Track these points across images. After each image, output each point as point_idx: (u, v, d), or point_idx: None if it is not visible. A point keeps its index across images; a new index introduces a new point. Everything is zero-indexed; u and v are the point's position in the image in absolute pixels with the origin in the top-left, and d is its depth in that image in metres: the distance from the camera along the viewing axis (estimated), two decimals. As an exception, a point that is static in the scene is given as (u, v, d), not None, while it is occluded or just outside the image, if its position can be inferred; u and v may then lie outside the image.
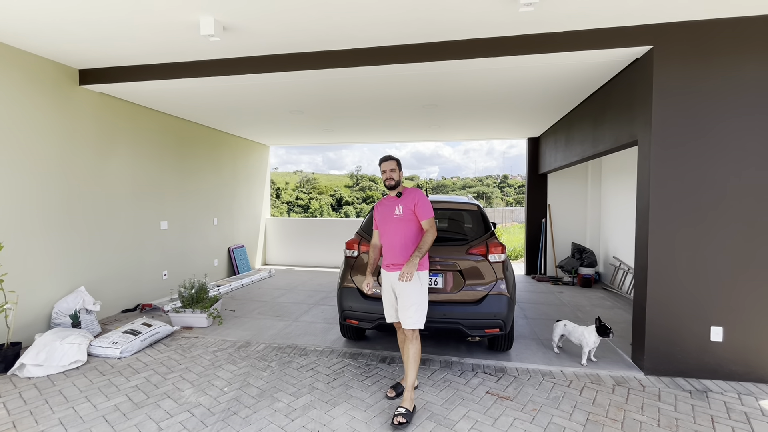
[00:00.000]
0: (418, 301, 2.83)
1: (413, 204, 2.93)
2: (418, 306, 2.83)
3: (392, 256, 2.94)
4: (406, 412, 2.66)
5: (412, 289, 2.82)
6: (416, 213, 2.92)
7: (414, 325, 2.82)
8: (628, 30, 3.35)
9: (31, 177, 4.05)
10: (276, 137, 8.36)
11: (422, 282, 2.88)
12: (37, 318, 4.11)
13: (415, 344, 2.84)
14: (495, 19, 3.24)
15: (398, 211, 2.96)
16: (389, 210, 3.01)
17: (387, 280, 2.99)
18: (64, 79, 4.39)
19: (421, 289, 2.86)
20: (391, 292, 2.96)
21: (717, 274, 3.32)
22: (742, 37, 3.19)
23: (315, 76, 4.15)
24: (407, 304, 2.83)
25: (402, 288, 2.84)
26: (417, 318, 2.82)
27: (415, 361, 2.82)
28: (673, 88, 3.32)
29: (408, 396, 2.77)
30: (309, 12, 3.13)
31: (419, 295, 2.85)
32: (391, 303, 2.98)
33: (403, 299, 2.84)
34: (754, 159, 3.23)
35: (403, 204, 2.96)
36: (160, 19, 3.24)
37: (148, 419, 2.73)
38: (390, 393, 3.02)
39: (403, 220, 2.93)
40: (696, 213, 3.33)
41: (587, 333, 3.63)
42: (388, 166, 3.02)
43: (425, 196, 2.98)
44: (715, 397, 3.08)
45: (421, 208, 2.92)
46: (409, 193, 3.02)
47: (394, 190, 3.04)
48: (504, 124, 6.84)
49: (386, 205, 3.06)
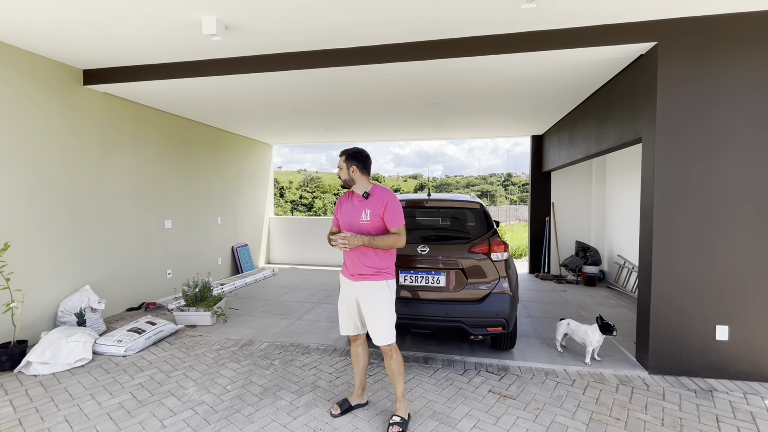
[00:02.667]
0: (387, 314, 2.57)
1: (382, 209, 2.56)
2: (389, 319, 2.57)
3: (357, 266, 2.60)
4: (401, 420, 2.58)
5: (380, 302, 2.55)
6: (384, 219, 2.56)
7: (387, 341, 2.55)
8: (631, 26, 3.32)
9: (36, 177, 4.09)
10: (279, 136, 8.37)
11: (391, 291, 2.60)
12: (43, 316, 4.15)
13: (396, 358, 2.61)
14: (497, 17, 3.22)
15: (365, 217, 2.58)
16: (354, 213, 2.63)
17: (350, 289, 2.66)
18: (69, 80, 4.42)
19: (390, 301, 2.59)
20: (353, 303, 2.67)
21: (722, 273, 3.29)
22: (749, 32, 3.15)
23: (317, 74, 4.15)
24: (376, 318, 2.55)
25: (369, 301, 2.56)
26: (389, 332, 2.56)
27: (400, 374, 2.63)
28: (677, 84, 3.29)
29: (400, 405, 2.65)
30: (310, 10, 3.13)
31: (389, 308, 2.58)
32: (351, 314, 2.70)
33: (371, 313, 2.57)
34: (760, 156, 3.20)
35: (370, 208, 2.58)
36: (162, 18, 3.26)
37: (152, 417, 2.75)
38: (335, 410, 2.76)
39: (371, 227, 2.58)
40: (701, 211, 3.30)
41: (591, 332, 3.61)
42: (338, 164, 2.69)
43: (396, 200, 2.59)
44: (721, 396, 3.05)
45: (390, 213, 2.54)
46: (379, 195, 2.60)
47: (358, 188, 2.66)
48: (507, 121, 6.80)
49: (352, 206, 2.67)
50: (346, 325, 2.74)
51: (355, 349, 2.80)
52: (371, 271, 2.58)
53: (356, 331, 2.75)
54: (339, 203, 2.78)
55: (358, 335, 2.78)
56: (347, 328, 2.75)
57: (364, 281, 2.59)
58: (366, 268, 2.58)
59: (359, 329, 2.75)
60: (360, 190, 2.65)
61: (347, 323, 2.74)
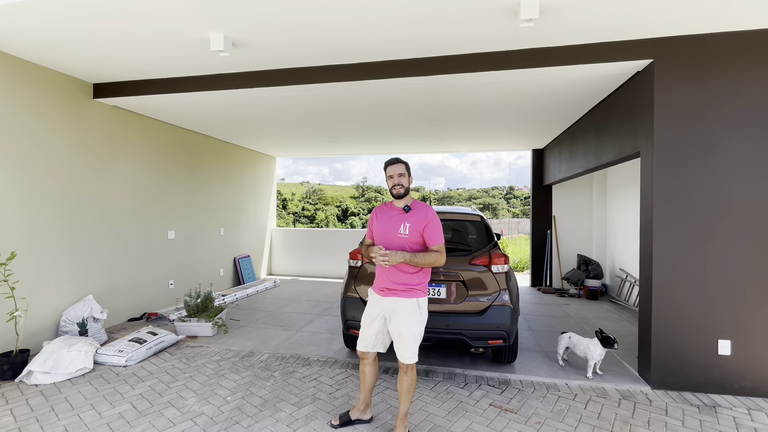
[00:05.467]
0: (416, 331, 2.53)
1: (423, 225, 2.54)
2: (415, 337, 2.54)
3: (388, 281, 2.56)
4: None
5: (408, 320, 2.51)
6: (424, 236, 2.54)
7: (412, 359, 2.53)
8: (628, 44, 3.40)
9: (43, 187, 4.16)
10: (283, 148, 8.49)
11: (421, 310, 2.57)
12: (46, 326, 4.18)
13: (411, 375, 2.57)
14: (496, 35, 3.31)
15: (403, 230, 2.55)
16: (392, 225, 2.60)
17: (378, 305, 2.62)
18: (79, 93, 4.53)
19: (419, 320, 2.55)
20: (379, 318, 2.62)
21: (723, 286, 3.29)
22: (742, 50, 3.22)
23: (320, 89, 4.24)
24: (403, 336, 2.52)
25: (398, 318, 2.52)
26: (414, 350, 2.54)
27: (409, 392, 2.58)
28: (674, 100, 3.35)
29: (400, 423, 2.61)
30: (315, 29, 3.23)
31: (416, 326, 2.54)
32: (376, 331, 2.63)
33: (399, 330, 2.53)
34: (758, 169, 3.23)
35: (410, 222, 2.55)
36: (172, 35, 3.36)
37: (151, 427, 2.75)
38: (335, 421, 2.76)
39: (408, 242, 2.55)
40: (701, 224, 3.32)
41: (592, 345, 3.59)
42: (396, 171, 2.60)
43: (437, 218, 2.59)
44: (724, 412, 3.02)
45: (431, 231, 2.53)
46: (420, 210, 2.59)
47: (401, 200, 2.64)
48: (508, 135, 6.88)
49: (389, 218, 2.64)
50: (365, 341, 2.67)
51: (363, 368, 2.73)
52: (403, 288, 2.54)
53: (373, 349, 2.68)
54: (375, 214, 2.74)
55: (368, 353, 2.70)
56: (366, 344, 2.67)
57: (395, 297, 2.55)
58: (397, 285, 2.54)
59: (377, 347, 2.68)
60: (402, 203, 2.63)
61: (367, 339, 2.67)
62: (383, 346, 2.70)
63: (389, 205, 2.72)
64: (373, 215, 2.76)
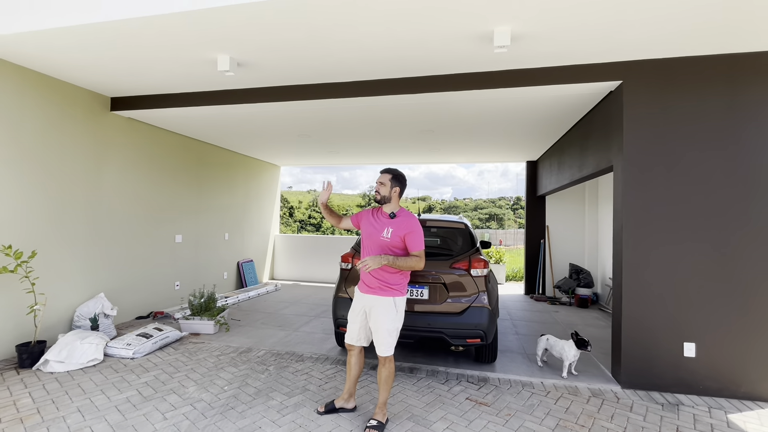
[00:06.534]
0: (391, 327, 2.79)
1: (405, 232, 2.79)
2: (391, 331, 2.79)
3: (369, 278, 2.83)
4: (377, 424, 2.78)
5: (385, 316, 2.78)
6: (406, 242, 2.81)
7: (387, 352, 2.79)
8: (598, 67, 3.69)
9: (62, 193, 4.54)
10: (286, 158, 8.86)
11: (398, 308, 2.82)
12: (61, 320, 4.51)
13: (388, 367, 2.82)
14: (476, 58, 3.63)
15: (386, 234, 2.81)
16: (378, 228, 2.86)
17: (360, 301, 2.91)
18: (98, 106, 4.94)
19: (394, 317, 2.80)
20: (361, 313, 2.90)
21: (688, 292, 3.51)
22: (701, 73, 3.50)
23: (319, 104, 4.59)
24: (380, 331, 2.78)
25: (376, 314, 2.79)
26: (390, 344, 2.79)
27: (387, 383, 2.83)
28: (641, 118, 3.62)
29: (380, 411, 2.85)
30: (314, 52, 3.57)
31: (392, 323, 2.79)
32: (357, 324, 2.92)
33: (377, 325, 2.80)
34: (718, 181, 3.47)
35: (393, 228, 2.82)
36: (185, 56, 3.73)
37: (154, 410, 3.04)
38: (321, 408, 3.02)
39: (389, 245, 2.81)
40: (667, 234, 3.55)
41: (567, 347, 3.81)
42: (380, 179, 2.92)
43: (420, 226, 2.84)
44: (686, 410, 3.22)
45: (412, 238, 2.79)
46: (404, 219, 2.85)
47: (388, 206, 2.90)
48: (501, 148, 7.17)
49: (377, 221, 2.90)
50: (351, 334, 2.95)
51: (350, 359, 2.99)
52: (381, 286, 2.80)
53: (357, 342, 2.94)
54: (365, 213, 3.02)
55: (354, 346, 2.96)
56: (351, 337, 2.95)
57: (374, 295, 2.82)
58: (377, 282, 2.81)
59: (362, 341, 2.94)
60: (389, 209, 2.91)
61: (352, 332, 2.94)
62: (366, 340, 2.96)
63: (380, 210, 2.99)
64: (364, 213, 3.04)
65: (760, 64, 3.40)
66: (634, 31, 3.09)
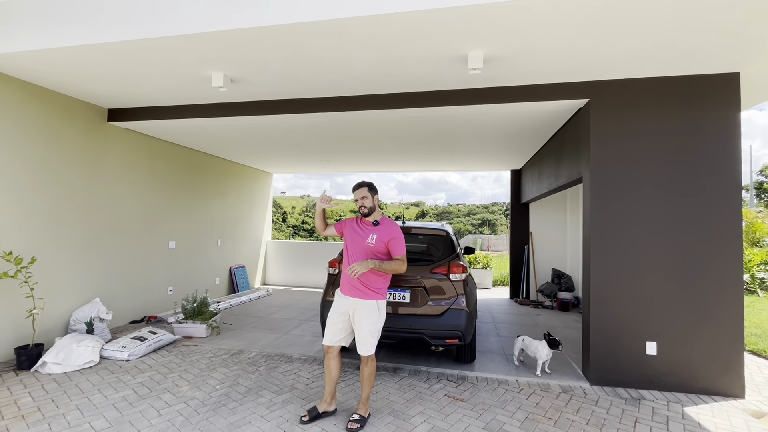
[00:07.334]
0: (374, 328, 2.97)
1: (388, 238, 3.00)
2: (373, 332, 2.97)
3: (354, 282, 2.98)
4: (359, 418, 2.97)
5: (367, 318, 2.94)
6: (389, 247, 3.00)
7: (368, 352, 2.96)
8: (566, 86, 3.99)
9: (59, 201, 4.71)
10: (278, 166, 9.08)
11: (380, 311, 2.99)
12: (57, 323, 4.66)
13: (371, 366, 3.00)
14: (453, 78, 3.90)
15: (371, 240, 2.99)
16: (363, 235, 3.04)
17: (343, 304, 3.03)
18: (95, 117, 5.13)
19: (376, 319, 2.97)
20: (344, 315, 3.03)
21: (650, 294, 3.78)
22: (658, 93, 3.81)
23: (308, 117, 4.83)
24: (363, 332, 2.95)
25: (359, 316, 2.95)
26: (372, 343, 2.97)
27: (369, 380, 3.02)
28: (606, 133, 3.92)
29: (362, 406, 3.04)
30: (303, 73, 3.83)
31: (374, 325, 2.97)
32: (337, 325, 3.04)
33: (359, 327, 2.96)
34: (677, 194, 3.77)
35: (378, 234, 3.01)
36: (180, 73, 3.95)
37: (150, 407, 3.22)
38: (304, 417, 3.03)
39: (374, 250, 2.99)
40: (630, 240, 3.84)
41: (540, 346, 4.07)
42: (359, 195, 3.08)
43: (401, 233, 3.06)
44: (647, 404, 3.48)
45: (395, 244, 2.99)
46: (387, 226, 3.05)
47: (370, 216, 3.09)
48: (484, 157, 7.47)
49: (361, 229, 3.09)
50: (330, 335, 3.06)
51: (328, 362, 3.08)
52: (364, 289, 2.97)
53: (336, 343, 3.05)
54: (348, 221, 3.19)
55: (333, 347, 3.07)
56: (330, 338, 3.06)
57: (357, 299, 2.98)
58: (360, 285, 2.97)
59: (341, 341, 3.06)
60: (372, 218, 3.11)
61: (332, 333, 3.05)
62: (346, 341, 3.12)
63: (362, 219, 3.18)
64: (347, 221, 3.21)
65: (712, 85, 3.72)
66: (597, 55, 3.38)
